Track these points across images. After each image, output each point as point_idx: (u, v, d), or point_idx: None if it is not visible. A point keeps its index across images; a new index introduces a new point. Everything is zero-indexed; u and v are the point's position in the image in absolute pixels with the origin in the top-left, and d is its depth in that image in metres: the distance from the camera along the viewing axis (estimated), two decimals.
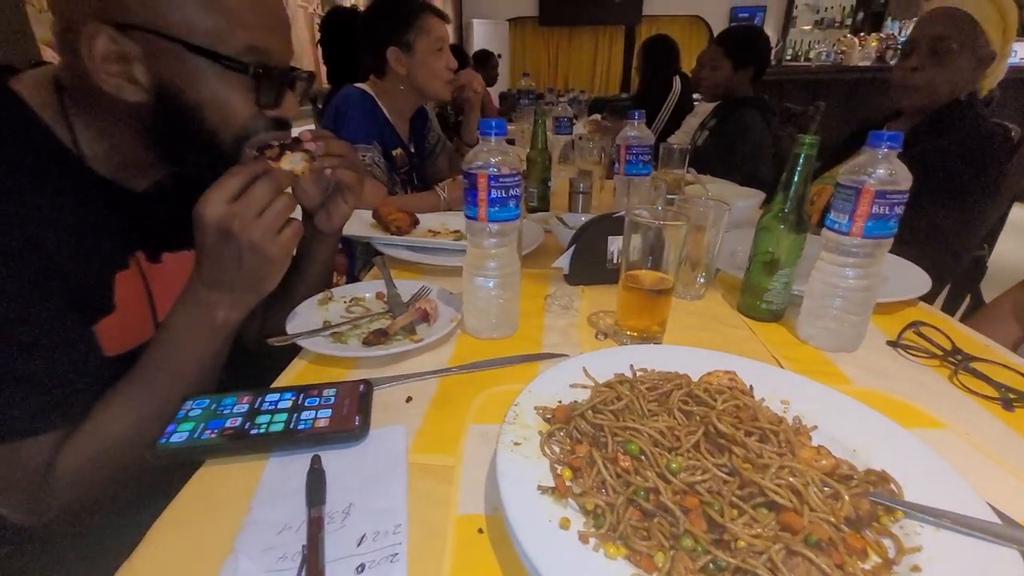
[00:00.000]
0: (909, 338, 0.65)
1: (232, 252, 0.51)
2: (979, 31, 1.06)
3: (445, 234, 1.02)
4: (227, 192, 0.51)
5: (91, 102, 0.53)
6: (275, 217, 0.52)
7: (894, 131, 1.19)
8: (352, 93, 1.28)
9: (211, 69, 0.52)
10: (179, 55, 0.51)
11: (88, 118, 0.54)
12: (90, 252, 0.53)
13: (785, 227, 0.67)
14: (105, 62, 0.49)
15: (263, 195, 0.51)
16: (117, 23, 0.48)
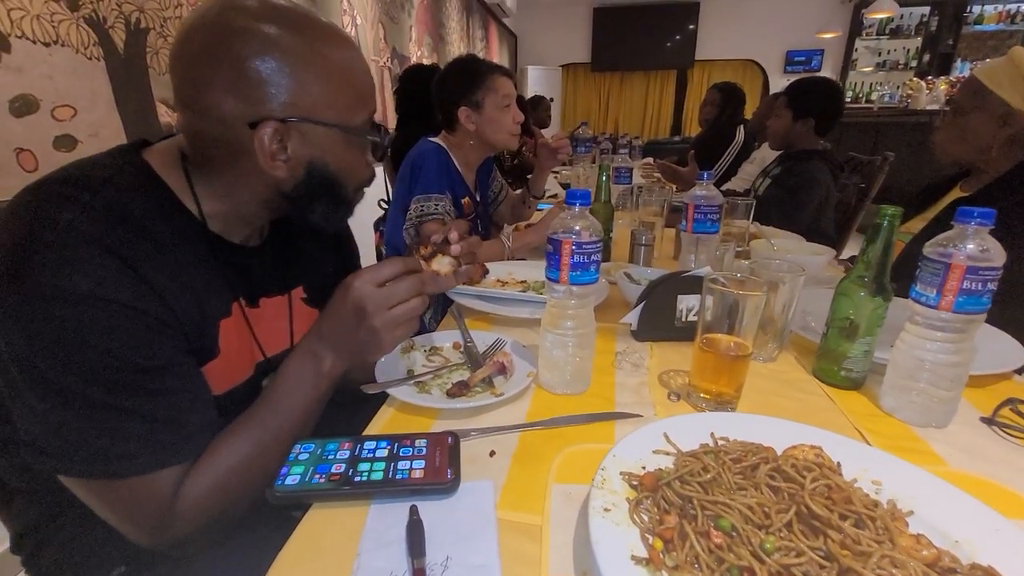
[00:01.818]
0: (1006, 416, 0.62)
1: (354, 324, 0.59)
2: (987, 91, 1.13)
3: (512, 284, 1.06)
4: (379, 277, 0.59)
5: (212, 171, 0.61)
6: (403, 313, 0.60)
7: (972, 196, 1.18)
8: (428, 147, 1.38)
9: (347, 140, 0.61)
10: (328, 135, 0.59)
11: (208, 182, 0.62)
12: (202, 302, 0.60)
13: (866, 294, 0.67)
14: (272, 152, 0.57)
15: (405, 292, 0.59)
16: (279, 118, 0.56)
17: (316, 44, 0.57)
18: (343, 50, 0.59)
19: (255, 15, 0.55)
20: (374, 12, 3.43)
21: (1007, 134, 1.16)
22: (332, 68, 0.58)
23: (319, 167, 0.60)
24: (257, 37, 0.54)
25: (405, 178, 1.36)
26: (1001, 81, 1.14)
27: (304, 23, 0.58)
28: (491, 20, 6.79)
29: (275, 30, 0.55)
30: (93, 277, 0.49)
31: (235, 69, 0.54)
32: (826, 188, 1.93)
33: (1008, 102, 1.13)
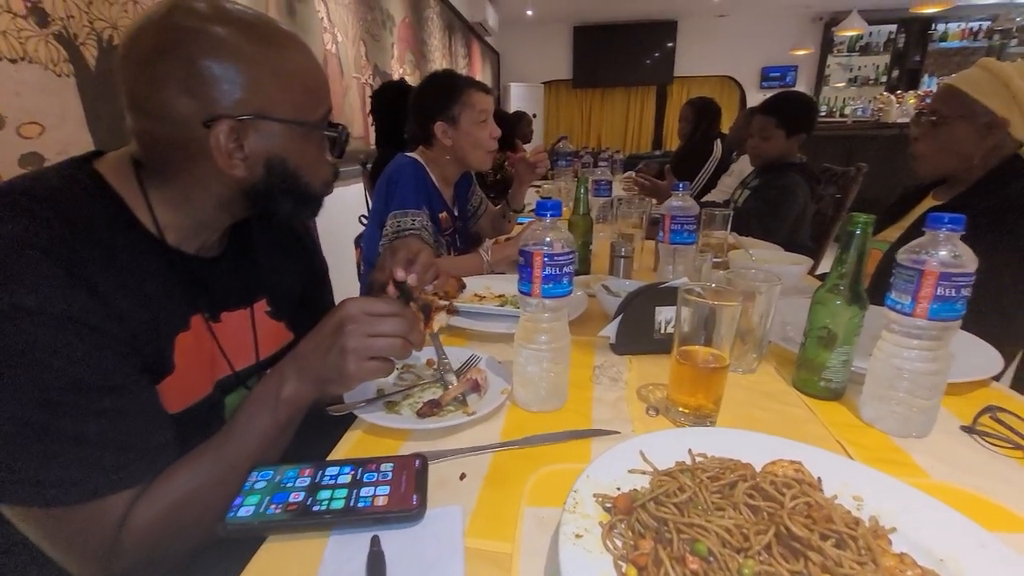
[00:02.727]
0: (986, 424, 0.61)
1: (328, 342, 0.57)
2: (970, 100, 1.13)
3: (490, 298, 1.04)
4: (372, 308, 0.59)
5: (167, 177, 0.59)
6: (380, 347, 0.58)
7: (946, 204, 1.20)
8: (405, 162, 1.36)
9: (305, 136, 0.61)
10: (284, 131, 0.59)
11: (164, 189, 0.60)
12: (156, 316, 0.58)
13: (842, 303, 0.66)
14: (228, 151, 0.56)
15: (390, 327, 0.58)
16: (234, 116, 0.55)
17: (265, 43, 0.57)
18: (293, 50, 0.60)
19: (204, 16, 0.55)
20: (355, 30, 3.44)
21: (990, 143, 1.16)
22: (283, 66, 0.58)
23: (278, 163, 0.60)
24: (207, 37, 0.54)
25: (382, 193, 1.34)
26: (984, 90, 1.14)
27: (253, 24, 0.58)
28: (473, 38, 6.87)
29: (224, 30, 0.55)
30: (38, 291, 0.46)
31: (187, 68, 0.53)
32: (804, 200, 1.96)
33: (993, 110, 1.13)
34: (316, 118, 0.62)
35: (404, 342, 0.59)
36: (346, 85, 3.34)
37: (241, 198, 0.61)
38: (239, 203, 0.62)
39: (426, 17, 4.92)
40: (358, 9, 3.47)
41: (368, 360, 0.57)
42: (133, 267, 0.56)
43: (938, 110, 1.22)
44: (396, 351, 0.59)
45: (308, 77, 0.61)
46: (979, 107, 1.13)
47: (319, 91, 0.63)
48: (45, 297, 0.47)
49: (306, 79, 0.61)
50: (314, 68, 0.62)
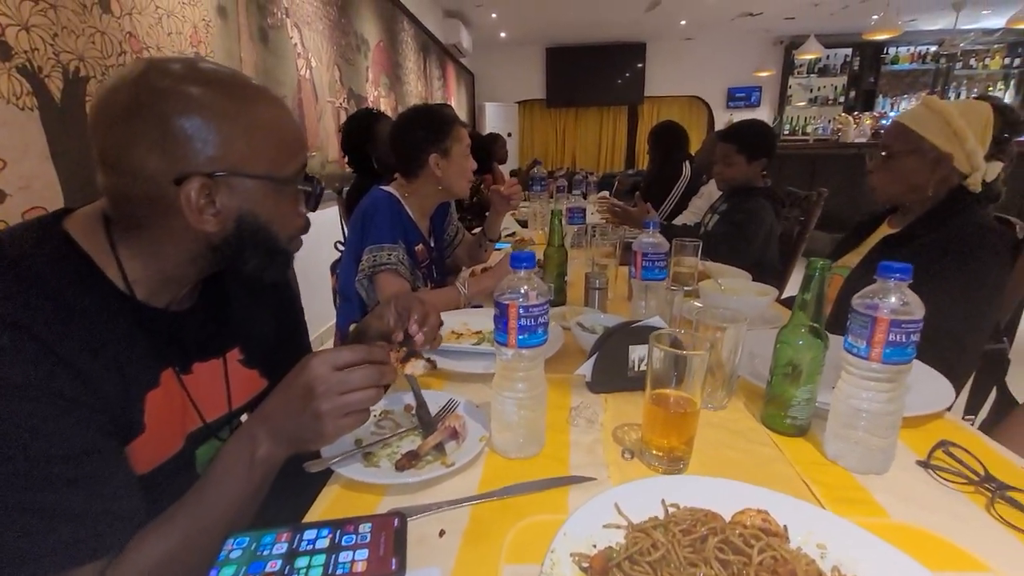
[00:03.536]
0: (940, 458, 0.64)
1: (300, 406, 0.57)
2: (917, 137, 1.21)
3: (467, 335, 1.05)
4: (339, 360, 0.57)
5: (137, 233, 0.59)
6: (354, 402, 0.57)
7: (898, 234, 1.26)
8: (380, 196, 1.37)
9: (277, 191, 0.61)
10: (256, 187, 0.59)
11: (133, 245, 0.60)
12: (126, 376, 0.57)
13: (804, 343, 0.69)
14: (199, 207, 0.56)
15: (360, 380, 0.58)
16: (206, 173, 0.56)
17: (238, 100, 0.58)
18: (268, 107, 0.60)
19: (177, 76, 0.56)
20: (329, 55, 3.46)
21: (939, 175, 1.24)
22: (256, 122, 0.58)
23: (249, 219, 0.60)
24: (180, 96, 0.55)
25: (357, 227, 1.34)
26: (929, 127, 1.22)
27: (228, 82, 0.58)
28: (448, 59, 6.96)
29: (197, 89, 0.56)
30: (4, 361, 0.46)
31: (159, 127, 0.54)
32: (770, 222, 2.03)
33: (938, 146, 1.20)
34: (290, 172, 0.62)
35: (378, 389, 0.59)
36: (321, 109, 3.34)
37: (211, 253, 0.61)
38: (210, 257, 0.62)
39: (401, 40, 4.97)
40: (332, 34, 3.49)
41: (344, 417, 0.57)
42: (101, 329, 0.55)
43: (889, 145, 1.30)
44: (371, 401, 0.59)
45: (281, 132, 0.61)
46: (925, 143, 1.21)
47: (293, 145, 0.63)
48: (9, 366, 0.46)
49: (279, 134, 0.61)
50: (288, 122, 0.63)
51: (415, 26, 5.38)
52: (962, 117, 1.19)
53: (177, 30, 2.06)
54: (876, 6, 6.15)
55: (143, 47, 1.90)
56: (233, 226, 0.60)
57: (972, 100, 1.25)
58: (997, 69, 7.93)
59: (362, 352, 0.59)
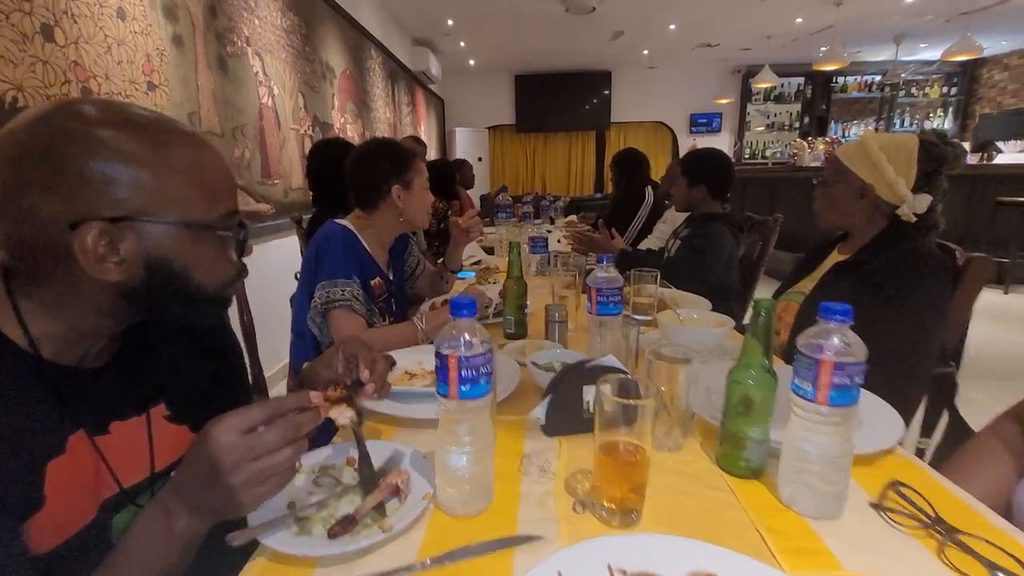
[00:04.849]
0: (892, 499, 0.64)
1: (208, 481, 0.51)
2: (844, 168, 1.29)
3: (420, 376, 1.01)
4: (245, 423, 0.52)
5: (38, 285, 0.55)
6: (270, 467, 0.52)
7: (849, 260, 1.30)
8: (333, 230, 1.33)
9: (196, 237, 0.58)
10: (168, 232, 0.56)
11: (36, 298, 0.55)
12: (22, 446, 0.52)
13: (754, 382, 0.68)
14: (98, 254, 0.52)
15: (275, 440, 0.52)
16: (105, 218, 0.52)
17: (152, 143, 0.54)
18: (189, 150, 0.58)
19: (86, 118, 0.53)
20: (293, 83, 3.43)
21: (867, 203, 1.30)
22: (173, 167, 0.55)
23: (161, 265, 0.56)
24: (83, 137, 0.51)
25: (310, 262, 1.30)
26: (853, 160, 1.29)
27: (143, 125, 0.55)
28: (417, 86, 7.01)
29: (108, 133, 0.52)
30: None
31: (55, 169, 0.50)
32: (729, 247, 2.07)
33: (861, 177, 1.27)
34: (211, 217, 0.59)
35: (295, 448, 0.54)
36: (283, 137, 3.29)
37: (122, 303, 0.57)
38: (122, 308, 0.58)
39: (368, 68, 4.99)
40: (296, 62, 3.47)
41: (261, 485, 0.52)
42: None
43: (825, 176, 1.39)
44: (290, 461, 0.54)
45: (202, 176, 0.58)
46: (850, 174, 1.28)
47: (216, 190, 0.60)
48: None
49: (199, 178, 0.58)
50: (212, 167, 0.60)
51: (383, 54, 5.41)
52: (883, 150, 1.25)
53: (128, 59, 2.01)
54: (823, 39, 6.53)
55: (90, 76, 1.84)
56: (143, 274, 0.55)
57: (900, 134, 1.32)
58: (936, 97, 8.48)
59: (271, 407, 0.54)
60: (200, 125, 2.43)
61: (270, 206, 3.05)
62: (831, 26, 6.04)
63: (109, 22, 1.91)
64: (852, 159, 1.30)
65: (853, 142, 1.35)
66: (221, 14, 2.61)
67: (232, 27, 2.71)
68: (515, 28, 6.19)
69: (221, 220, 0.60)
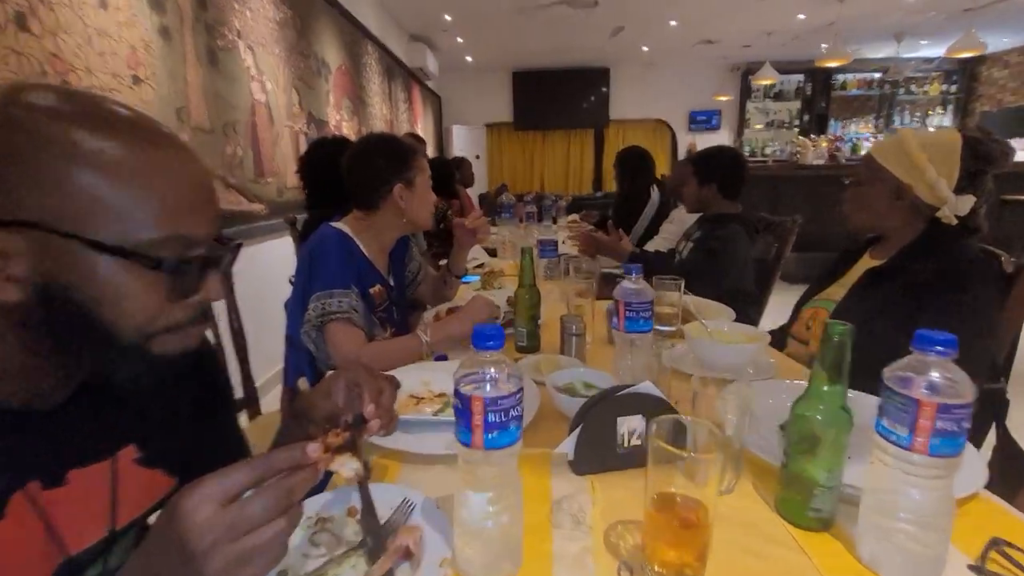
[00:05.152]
0: (996, 562, 0.54)
1: (179, 567, 0.39)
2: (879, 166, 1.20)
3: (428, 399, 0.91)
4: (225, 490, 0.39)
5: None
6: (254, 548, 0.39)
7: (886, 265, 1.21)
8: (329, 235, 1.22)
9: (117, 264, 0.44)
10: (69, 249, 0.43)
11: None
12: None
13: (826, 419, 0.59)
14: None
15: (261, 514, 0.40)
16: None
17: (82, 134, 0.43)
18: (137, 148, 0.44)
19: (5, 94, 0.43)
20: (287, 78, 3.30)
21: (904, 205, 1.20)
22: (101, 165, 0.42)
23: (58, 293, 0.43)
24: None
25: (304, 270, 1.19)
26: (889, 158, 1.20)
27: (84, 106, 0.44)
28: (414, 82, 6.89)
29: (22, 112, 0.42)
30: None
31: None
32: (744, 249, 1.98)
33: (897, 176, 1.18)
34: (143, 242, 0.44)
35: (289, 520, 0.41)
36: (277, 133, 3.17)
37: (26, 335, 0.45)
38: (30, 341, 0.46)
39: (364, 63, 4.87)
40: (290, 57, 3.35)
41: (245, 568, 0.39)
42: None
43: (858, 174, 1.30)
44: (281, 538, 0.41)
45: (143, 184, 0.44)
46: (886, 173, 1.19)
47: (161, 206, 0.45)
48: None
49: (138, 186, 0.44)
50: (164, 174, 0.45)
51: (379, 50, 5.29)
52: (923, 148, 1.16)
53: (112, 51, 1.89)
54: (823, 36, 6.45)
55: (69, 69, 1.72)
56: (34, 299, 0.43)
57: (942, 129, 1.24)
58: (936, 95, 8.43)
59: (259, 467, 0.41)
60: (189, 121, 2.31)
61: (263, 206, 2.94)
62: (832, 23, 5.96)
63: (90, 11, 1.79)
64: (888, 157, 1.21)
65: (889, 139, 1.26)
66: (211, 5, 2.49)
67: (223, 19, 2.59)
68: (514, 24, 6.07)
69: (161, 248, 0.45)
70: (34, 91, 0.45)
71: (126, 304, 0.45)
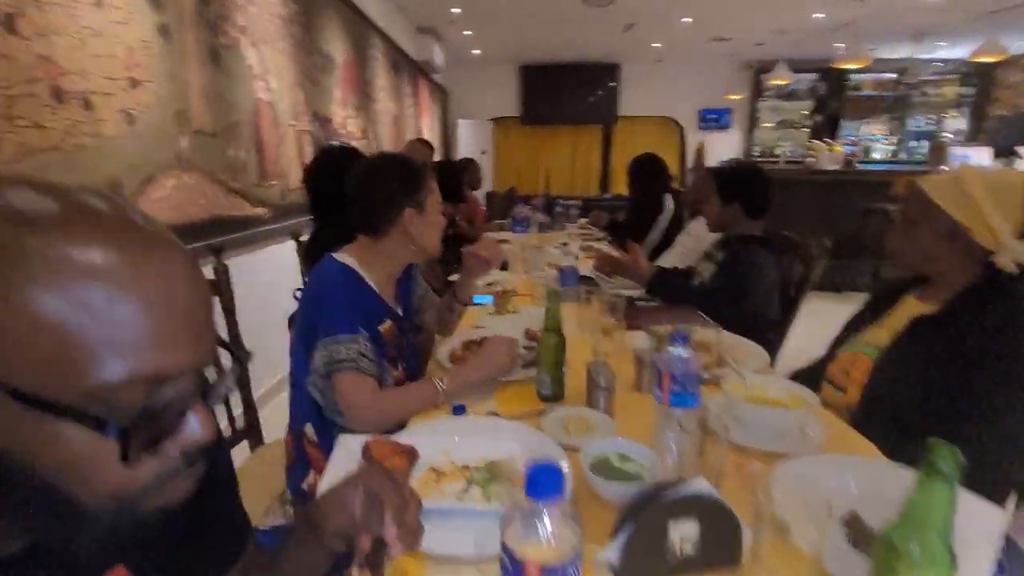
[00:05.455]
0: None
1: None
2: (930, 203, 1.11)
3: (452, 474, 0.82)
4: None
5: None
6: None
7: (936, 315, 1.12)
8: (332, 272, 1.13)
9: (41, 419, 0.33)
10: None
11: None
12: None
13: (925, 559, 0.50)
14: None
15: None
16: None
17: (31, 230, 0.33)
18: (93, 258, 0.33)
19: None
20: (292, 75, 3.19)
21: (958, 247, 1.12)
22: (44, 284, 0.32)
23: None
24: None
25: (308, 311, 1.11)
26: (946, 197, 1.11)
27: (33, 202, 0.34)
28: (420, 76, 6.75)
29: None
30: None
31: None
32: (770, 277, 1.90)
33: (953, 217, 1.09)
34: (89, 387, 0.33)
35: None
36: (281, 134, 3.07)
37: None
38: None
39: (370, 56, 4.74)
40: (295, 53, 3.24)
41: None
42: None
43: (906, 210, 1.20)
44: None
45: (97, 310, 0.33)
46: (941, 213, 1.10)
47: (121, 338, 0.34)
48: None
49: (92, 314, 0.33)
50: (129, 292, 0.34)
51: (386, 43, 5.15)
52: (988, 190, 1.07)
53: (108, 52, 1.79)
54: (838, 35, 6.30)
55: (62, 73, 1.62)
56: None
57: (1007, 170, 1.15)
58: (951, 97, 8.28)
59: None
60: (190, 124, 2.21)
61: (266, 210, 2.85)
62: (849, 23, 5.81)
63: (84, 10, 1.69)
64: (945, 196, 1.12)
65: (947, 176, 1.17)
66: (213, 1, 2.38)
67: (225, 15, 2.48)
68: (523, 18, 5.92)
69: (125, 392, 0.34)
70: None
71: (78, 469, 0.35)
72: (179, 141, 2.14)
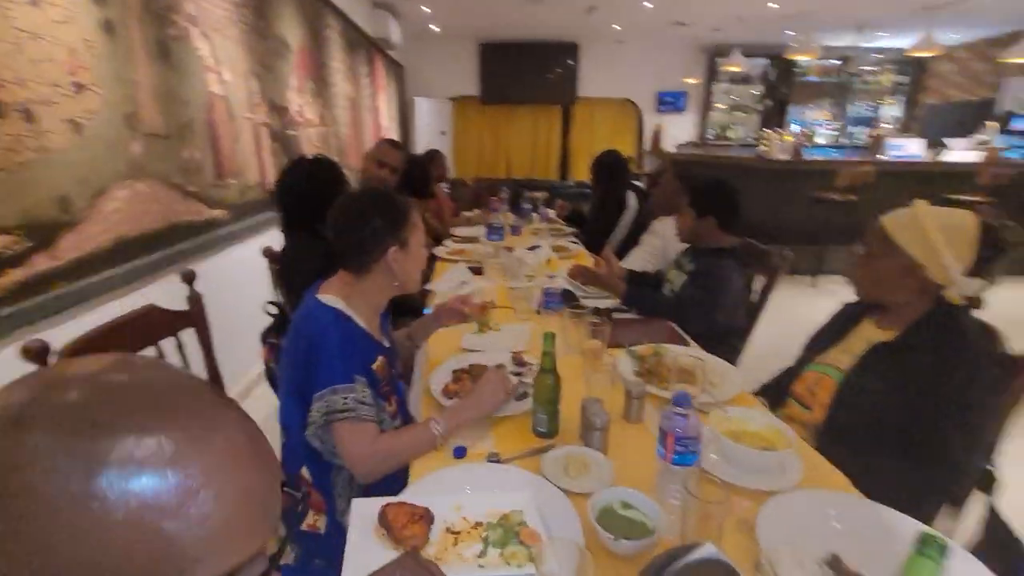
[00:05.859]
0: None
1: None
2: (893, 244, 1.21)
3: (467, 533, 0.86)
4: None
5: None
6: None
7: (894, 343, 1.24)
8: (324, 323, 1.09)
9: None
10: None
11: None
12: None
13: None
14: None
15: None
16: None
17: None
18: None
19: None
20: (246, 64, 3.00)
21: (913, 282, 1.22)
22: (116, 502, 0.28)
23: None
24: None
25: (299, 359, 1.08)
26: (905, 236, 1.21)
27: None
28: (376, 53, 6.47)
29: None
30: None
31: None
32: (738, 286, 2.00)
33: (911, 256, 1.20)
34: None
35: None
36: (237, 128, 2.91)
37: None
38: None
39: (326, 37, 4.50)
40: (248, 40, 3.04)
41: None
42: None
43: (868, 244, 1.30)
44: None
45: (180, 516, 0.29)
46: (900, 251, 1.20)
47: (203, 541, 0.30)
48: None
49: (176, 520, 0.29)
50: (212, 485, 0.31)
51: (342, 22, 4.89)
52: (942, 231, 1.17)
53: (48, 56, 1.63)
54: (791, 23, 6.50)
55: None
56: None
57: (957, 211, 1.24)
58: (888, 85, 8.76)
59: None
60: (141, 127, 2.06)
61: (225, 211, 2.71)
62: (803, 12, 5.99)
63: (18, 11, 1.53)
64: (905, 236, 1.22)
65: (905, 215, 1.25)
66: None
67: (173, 4, 2.29)
68: None
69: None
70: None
71: None
72: (130, 147, 1.99)
